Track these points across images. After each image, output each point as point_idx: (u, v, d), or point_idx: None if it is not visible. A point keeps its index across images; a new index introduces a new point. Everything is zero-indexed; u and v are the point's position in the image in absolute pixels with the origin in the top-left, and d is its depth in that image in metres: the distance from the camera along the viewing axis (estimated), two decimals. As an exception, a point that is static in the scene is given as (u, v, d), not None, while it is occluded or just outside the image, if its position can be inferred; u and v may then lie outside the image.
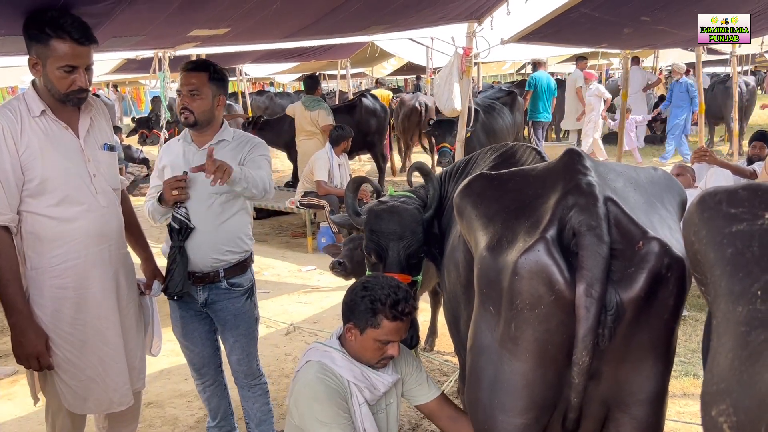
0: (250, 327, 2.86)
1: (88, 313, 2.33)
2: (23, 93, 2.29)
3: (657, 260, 1.52)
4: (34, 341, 2.22)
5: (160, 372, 3.97)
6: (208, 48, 5.29)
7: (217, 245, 2.68)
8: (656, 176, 1.90)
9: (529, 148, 2.39)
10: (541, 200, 1.67)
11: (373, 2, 3.48)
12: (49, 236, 2.25)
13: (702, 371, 4.02)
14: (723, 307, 1.13)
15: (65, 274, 2.28)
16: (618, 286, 1.53)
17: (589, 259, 1.50)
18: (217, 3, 2.87)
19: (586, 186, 1.60)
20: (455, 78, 5.32)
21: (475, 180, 1.90)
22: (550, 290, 1.53)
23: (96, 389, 2.38)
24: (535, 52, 11.18)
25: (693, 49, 8.62)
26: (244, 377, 2.90)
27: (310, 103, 7.57)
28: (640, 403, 1.65)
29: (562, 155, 1.76)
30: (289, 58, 11.94)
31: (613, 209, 1.57)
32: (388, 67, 16.39)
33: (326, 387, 2.06)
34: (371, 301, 2.06)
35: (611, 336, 1.54)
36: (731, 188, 1.20)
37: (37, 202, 2.22)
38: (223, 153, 2.68)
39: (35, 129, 2.21)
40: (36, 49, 2.15)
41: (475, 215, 1.80)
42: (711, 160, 5.08)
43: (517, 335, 1.61)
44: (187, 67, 2.62)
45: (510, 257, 1.60)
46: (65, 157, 2.26)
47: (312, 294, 5.50)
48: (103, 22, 2.58)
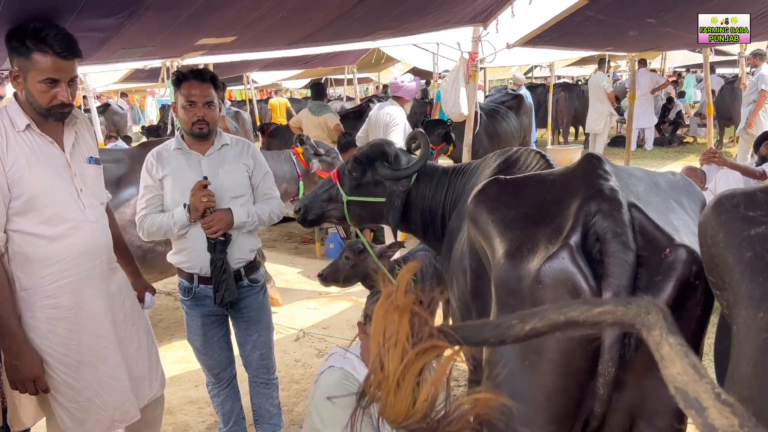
0: (269, 320, 2.97)
1: (83, 332, 2.26)
2: (6, 107, 2.19)
3: (685, 268, 1.47)
4: (30, 365, 2.13)
5: (170, 379, 3.97)
6: (216, 57, 5.32)
7: (243, 246, 2.77)
8: (675, 180, 1.86)
9: (533, 152, 2.37)
10: (562, 206, 1.62)
11: (377, 8, 3.50)
12: (39, 255, 2.16)
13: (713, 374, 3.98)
14: (743, 313, 1.10)
15: (58, 293, 2.21)
16: (645, 295, 1.46)
17: (615, 266, 1.45)
18: (223, 13, 2.90)
19: (608, 191, 1.55)
20: (461, 83, 5.32)
21: (489, 185, 1.84)
22: (575, 299, 1.47)
23: (95, 410, 2.31)
24: (541, 56, 11.17)
25: (701, 50, 8.57)
26: (266, 373, 2.99)
27: (316, 108, 7.61)
28: (664, 414, 1.60)
29: (582, 159, 1.72)
30: (296, 65, 11.99)
31: (637, 215, 1.53)
32: (394, 71, 16.41)
33: (348, 392, 2.09)
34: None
35: (637, 346, 1.49)
36: (749, 191, 1.17)
37: (24, 220, 2.14)
38: (230, 156, 2.77)
39: (21, 144, 2.12)
40: (17, 61, 2.07)
41: (491, 221, 1.74)
42: (720, 162, 5.05)
43: (539, 346, 1.54)
44: (197, 78, 2.61)
45: (532, 265, 1.54)
46: (52, 173, 2.18)
47: (321, 300, 5.50)
48: (113, 35, 2.61)
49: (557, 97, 13.61)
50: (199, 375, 3.94)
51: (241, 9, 2.89)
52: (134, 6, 2.33)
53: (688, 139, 13.98)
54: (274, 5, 2.94)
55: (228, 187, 2.71)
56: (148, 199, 2.73)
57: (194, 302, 2.80)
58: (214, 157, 2.73)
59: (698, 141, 13.48)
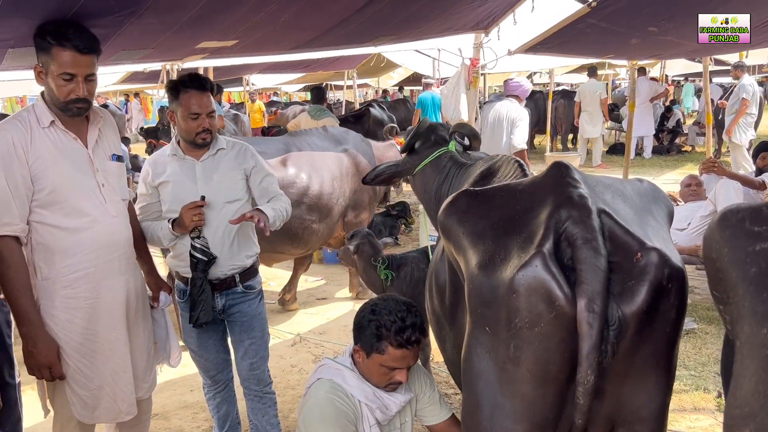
0: (264, 329, 2.89)
1: (99, 323, 2.34)
2: (32, 104, 2.31)
3: (657, 271, 1.49)
4: (45, 351, 2.22)
5: (165, 383, 3.95)
6: (216, 60, 5.31)
7: (235, 252, 2.72)
8: (643, 188, 1.87)
9: (512, 161, 2.38)
10: (532, 215, 1.63)
11: (380, 14, 3.49)
12: (60, 246, 2.25)
13: (712, 385, 3.94)
14: (747, 329, 1.10)
15: (76, 284, 2.29)
16: (619, 300, 1.48)
17: (588, 272, 1.46)
18: (226, 16, 2.89)
19: (578, 198, 1.57)
20: (462, 89, 5.33)
21: (458, 197, 1.85)
22: (550, 307, 1.48)
23: (105, 399, 2.38)
24: (540, 63, 11.20)
25: (700, 60, 8.60)
26: (257, 384, 2.88)
27: (316, 112, 7.60)
28: (642, 420, 1.60)
29: (549, 168, 1.73)
30: (296, 69, 11.99)
31: (607, 221, 1.54)
32: (395, 77, 16.44)
33: (335, 408, 2.04)
34: (377, 326, 2.02)
35: (614, 352, 1.49)
36: (755, 206, 1.17)
37: (47, 212, 2.23)
38: (226, 160, 2.73)
39: (45, 140, 2.22)
40: (41, 57, 2.18)
41: (462, 233, 1.75)
42: (720, 171, 5.06)
43: (517, 356, 1.55)
44: (198, 89, 2.57)
45: (505, 274, 1.55)
46: (75, 168, 2.27)
47: (318, 305, 5.48)
48: (112, 35, 2.59)
49: (556, 104, 13.64)
50: (194, 379, 3.92)
51: (243, 12, 2.88)
52: (134, 6, 2.34)
53: (686, 147, 14.01)
54: (277, 9, 2.93)
55: (222, 192, 2.67)
56: (142, 207, 2.75)
57: (188, 305, 2.78)
58: (208, 162, 2.70)
59: (697, 150, 13.51)
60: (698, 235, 4.77)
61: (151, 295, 2.69)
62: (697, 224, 4.81)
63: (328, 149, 4.88)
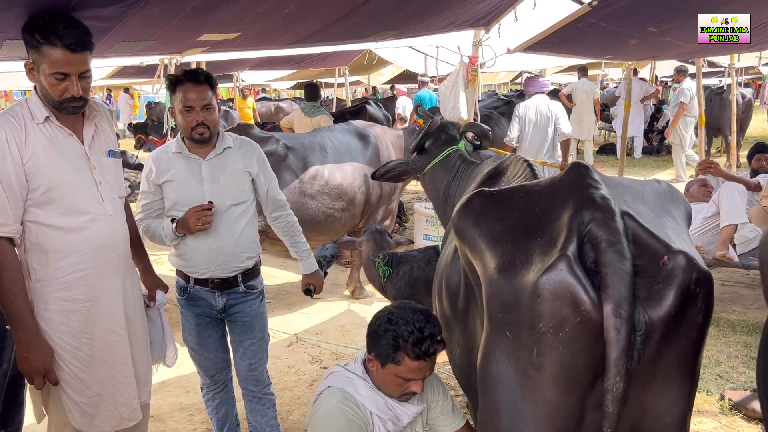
0: (264, 329, 2.86)
1: (96, 326, 2.25)
2: (26, 99, 2.20)
3: (685, 275, 1.46)
4: (40, 356, 2.13)
5: (160, 384, 3.87)
6: (213, 54, 5.22)
7: (238, 253, 2.69)
8: (661, 189, 1.84)
9: (522, 161, 2.34)
10: (552, 216, 1.58)
11: (384, 8, 3.45)
12: (55, 247, 2.16)
13: (714, 387, 3.92)
14: None
15: (72, 285, 2.20)
16: (645, 305, 1.45)
17: (614, 276, 1.42)
18: (230, 6, 2.82)
19: (600, 200, 1.53)
20: (461, 86, 5.29)
21: (473, 198, 1.79)
22: (576, 311, 1.45)
23: (105, 406, 2.29)
24: (533, 63, 11.20)
25: (693, 61, 8.65)
26: (255, 385, 2.85)
27: (310, 109, 7.52)
28: (665, 426, 1.58)
29: (569, 169, 1.69)
30: (288, 65, 11.89)
31: (630, 223, 1.51)
32: (386, 74, 16.36)
33: (346, 419, 1.98)
34: (394, 336, 1.94)
35: (640, 358, 1.47)
36: None
37: (42, 211, 2.14)
38: (233, 160, 2.68)
39: (39, 136, 2.12)
40: (31, 53, 2.07)
41: (478, 235, 1.69)
42: (716, 173, 5.06)
43: (540, 361, 1.51)
44: (192, 81, 2.51)
45: (528, 278, 1.51)
46: (71, 165, 2.18)
47: (314, 304, 5.41)
48: (114, 26, 2.52)
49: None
50: (190, 380, 3.84)
51: (246, 3, 2.80)
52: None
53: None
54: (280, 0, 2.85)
55: (229, 194, 2.63)
56: (144, 205, 2.69)
57: (188, 302, 2.77)
58: (215, 161, 2.64)
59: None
60: (700, 236, 4.76)
61: (147, 294, 2.62)
62: (699, 225, 4.81)
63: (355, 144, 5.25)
